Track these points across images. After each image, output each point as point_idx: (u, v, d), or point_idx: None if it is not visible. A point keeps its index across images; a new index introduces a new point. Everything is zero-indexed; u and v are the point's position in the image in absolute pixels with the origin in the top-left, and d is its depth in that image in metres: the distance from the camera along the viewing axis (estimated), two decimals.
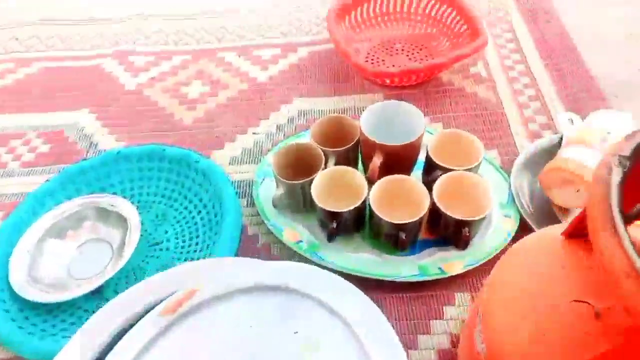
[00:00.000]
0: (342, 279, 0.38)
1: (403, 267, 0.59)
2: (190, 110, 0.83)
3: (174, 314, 0.40)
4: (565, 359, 0.30)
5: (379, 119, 0.65)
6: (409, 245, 0.60)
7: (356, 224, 0.62)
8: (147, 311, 0.41)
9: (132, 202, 0.67)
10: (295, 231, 0.63)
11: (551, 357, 0.30)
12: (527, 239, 0.39)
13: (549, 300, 0.32)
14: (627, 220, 0.25)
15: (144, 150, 0.68)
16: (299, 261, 0.60)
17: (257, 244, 0.65)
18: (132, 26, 1.01)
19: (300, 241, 0.62)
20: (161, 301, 0.41)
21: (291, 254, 0.62)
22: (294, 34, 0.97)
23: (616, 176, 0.25)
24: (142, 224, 0.65)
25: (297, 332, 0.36)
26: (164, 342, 0.39)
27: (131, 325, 0.40)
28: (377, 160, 0.61)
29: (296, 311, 0.37)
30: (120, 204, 0.64)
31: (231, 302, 0.40)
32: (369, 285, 0.55)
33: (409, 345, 0.55)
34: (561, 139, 0.68)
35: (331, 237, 0.60)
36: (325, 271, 0.39)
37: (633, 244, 0.23)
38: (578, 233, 0.33)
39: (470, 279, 0.60)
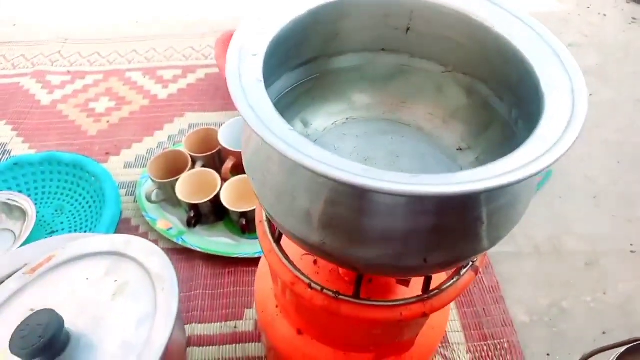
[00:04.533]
0: (154, 245, 0.54)
1: (248, 247, 0.75)
2: (96, 123, 0.97)
3: (33, 274, 0.54)
4: None
5: (238, 130, 0.82)
6: (252, 230, 0.75)
7: (216, 214, 0.77)
8: (17, 271, 0.55)
9: (36, 198, 0.81)
10: (167, 220, 0.78)
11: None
12: None
13: None
14: None
15: (44, 156, 0.82)
16: (167, 243, 0.77)
17: (138, 232, 0.80)
18: (53, 48, 1.15)
19: (171, 228, 0.77)
20: (25, 265, 0.55)
21: (163, 238, 0.77)
22: (195, 58, 1.13)
23: None
24: (42, 216, 0.79)
25: (116, 280, 0.52)
26: (23, 295, 0.53)
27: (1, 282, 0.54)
28: (229, 163, 0.77)
29: (118, 267, 0.52)
30: (20, 199, 0.77)
31: (76, 263, 0.54)
32: (226, 261, 0.73)
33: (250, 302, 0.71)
34: None
35: (190, 224, 0.75)
36: (144, 240, 0.54)
37: None
38: None
39: None
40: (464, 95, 0.40)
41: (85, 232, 0.77)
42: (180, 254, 0.76)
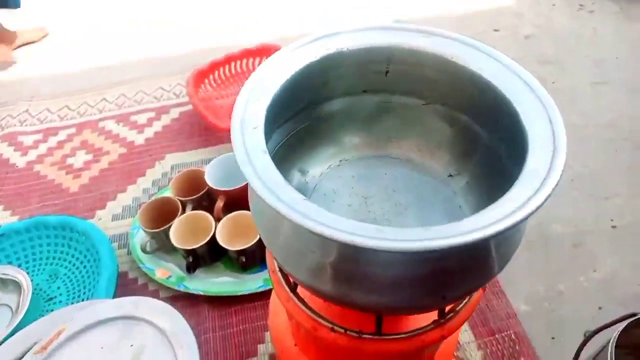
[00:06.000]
0: (164, 303, 0.54)
1: (251, 283, 0.76)
2: (76, 179, 0.96)
3: (45, 352, 0.54)
4: None
5: (225, 167, 0.82)
6: (252, 266, 0.76)
7: (214, 255, 0.78)
8: (26, 352, 0.55)
9: (27, 267, 0.80)
10: (165, 269, 0.78)
11: None
12: None
13: None
14: None
15: (30, 223, 0.81)
16: (168, 291, 0.77)
17: (137, 284, 0.80)
18: (20, 108, 1.13)
19: (170, 276, 0.77)
20: (35, 343, 0.55)
21: (163, 287, 0.77)
22: (166, 98, 1.13)
23: None
24: (37, 284, 0.78)
25: (132, 345, 0.52)
26: None
27: None
28: (220, 203, 0.77)
29: (131, 331, 0.53)
30: (12, 271, 0.76)
31: (87, 333, 0.54)
32: (231, 300, 0.74)
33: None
34: None
35: (189, 269, 0.75)
36: (152, 299, 0.55)
37: None
38: None
39: None
40: (446, 125, 0.42)
41: (84, 293, 0.77)
42: (183, 300, 0.76)
